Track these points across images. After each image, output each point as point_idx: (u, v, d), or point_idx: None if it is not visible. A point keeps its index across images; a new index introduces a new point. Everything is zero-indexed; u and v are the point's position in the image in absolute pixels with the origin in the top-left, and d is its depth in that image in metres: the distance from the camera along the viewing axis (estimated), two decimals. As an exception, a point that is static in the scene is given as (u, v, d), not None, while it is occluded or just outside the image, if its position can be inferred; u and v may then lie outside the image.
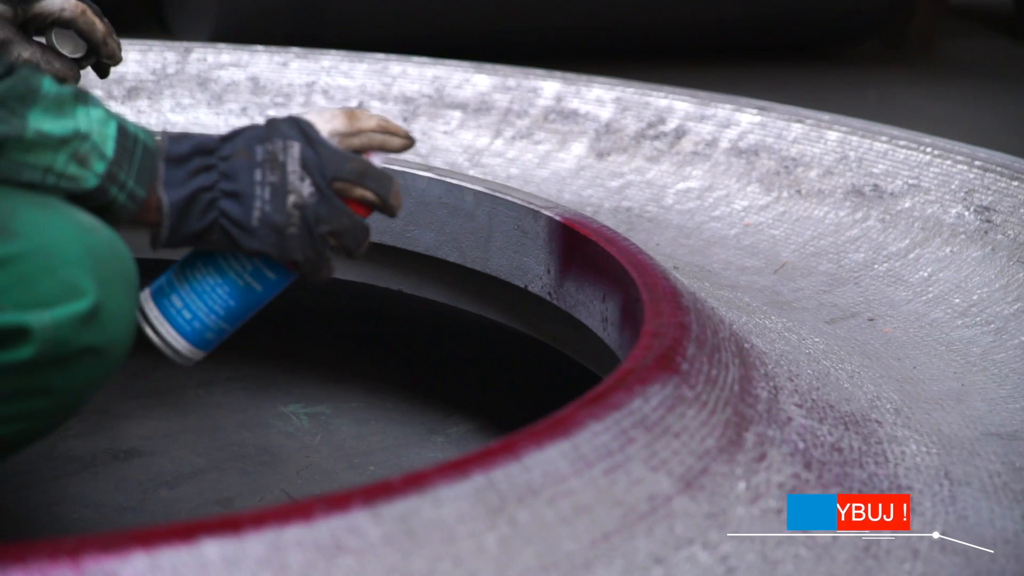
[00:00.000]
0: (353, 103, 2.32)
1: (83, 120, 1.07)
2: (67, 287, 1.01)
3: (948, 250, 1.74)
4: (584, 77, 2.32)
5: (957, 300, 1.63)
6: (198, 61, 2.35)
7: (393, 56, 2.42)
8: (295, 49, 2.43)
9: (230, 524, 0.82)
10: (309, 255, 1.14)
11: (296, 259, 1.14)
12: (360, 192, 1.15)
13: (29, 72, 1.06)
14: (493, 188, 1.64)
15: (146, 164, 1.10)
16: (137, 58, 2.33)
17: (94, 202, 1.08)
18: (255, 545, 0.82)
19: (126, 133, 1.09)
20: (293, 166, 1.12)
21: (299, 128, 1.14)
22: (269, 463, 1.71)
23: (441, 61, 2.40)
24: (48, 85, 1.07)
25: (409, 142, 1.20)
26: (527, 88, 2.29)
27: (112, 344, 1.04)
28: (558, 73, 2.34)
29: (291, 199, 1.12)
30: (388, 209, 1.17)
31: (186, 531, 0.81)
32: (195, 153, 1.12)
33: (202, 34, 4.19)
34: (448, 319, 2.00)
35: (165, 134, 1.13)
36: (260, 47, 2.42)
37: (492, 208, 1.63)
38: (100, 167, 1.07)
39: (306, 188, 1.12)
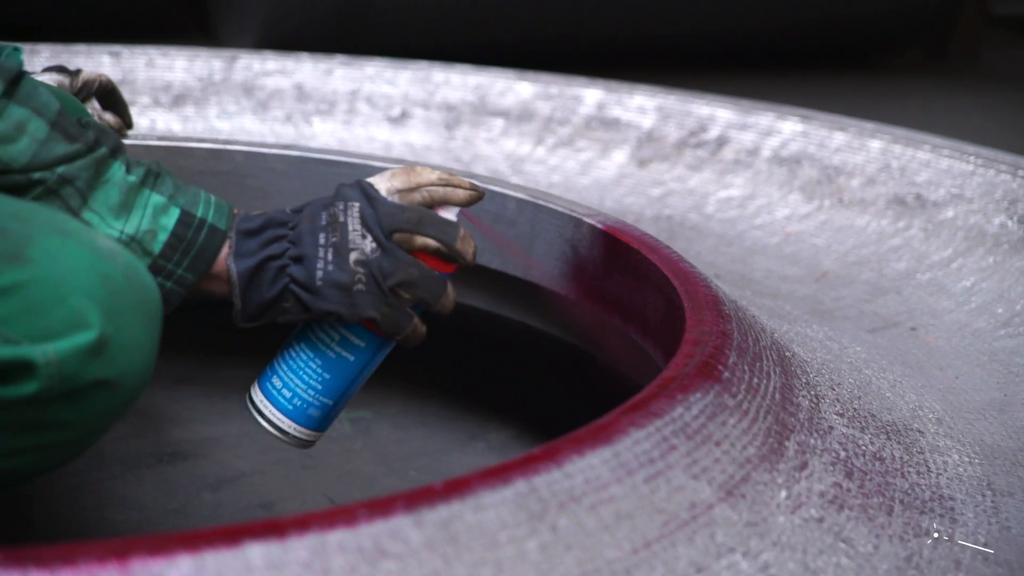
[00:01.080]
0: (396, 111, 2.34)
1: (136, 219, 1.10)
2: (73, 318, 0.98)
3: (991, 260, 1.73)
4: (626, 85, 2.32)
5: (1000, 310, 1.63)
6: (244, 69, 2.38)
7: (436, 64, 2.43)
8: (339, 57, 2.44)
9: (274, 528, 0.83)
10: (384, 311, 1.15)
11: (371, 316, 1.14)
12: (421, 240, 1.15)
13: (106, 153, 1.09)
14: (535, 196, 1.65)
15: (208, 246, 1.13)
16: (184, 66, 2.36)
17: None
18: (298, 549, 0.83)
19: (189, 220, 1.12)
20: (354, 224, 1.13)
21: (360, 189, 1.15)
22: (311, 467, 1.72)
23: (484, 69, 2.41)
24: (119, 173, 1.10)
25: (475, 193, 1.20)
26: (569, 96, 2.30)
27: (124, 376, 1.01)
28: (600, 81, 2.34)
29: (353, 256, 1.13)
30: (456, 255, 1.18)
31: (231, 534, 0.82)
32: (267, 225, 1.14)
33: (248, 41, 4.22)
34: (489, 325, 2.00)
35: (243, 212, 1.16)
36: (305, 55, 2.43)
37: (534, 216, 1.64)
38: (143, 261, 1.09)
39: (368, 244, 1.13)
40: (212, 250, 1.13)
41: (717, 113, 2.18)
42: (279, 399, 1.20)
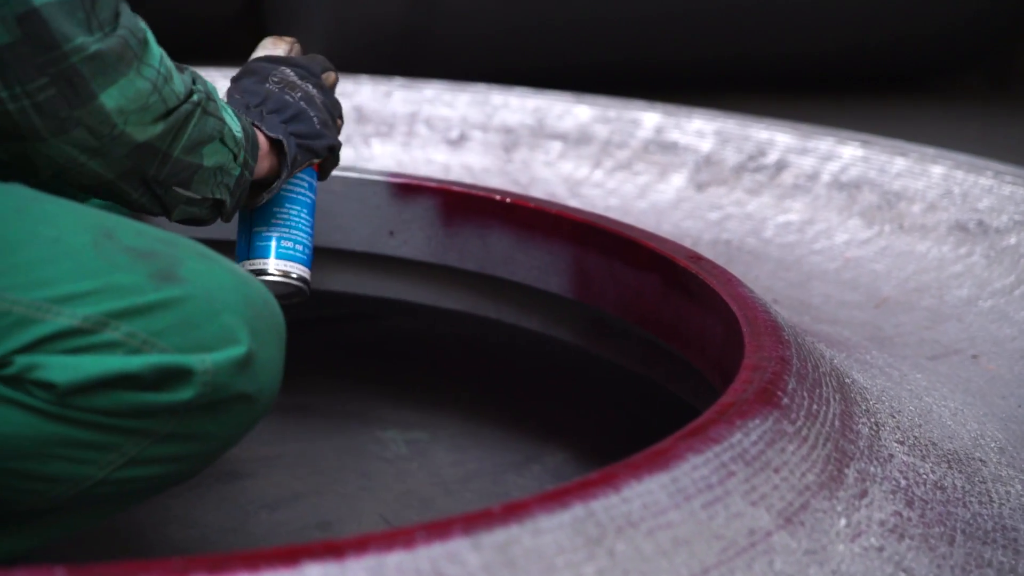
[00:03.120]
0: (454, 133, 2.35)
1: (238, 122, 1.25)
2: (226, 333, 1.04)
3: (1055, 287, 1.71)
4: (684, 109, 2.32)
5: (1064, 338, 1.61)
6: (304, 91, 2.40)
7: (495, 87, 2.44)
8: (399, 79, 2.46)
9: (333, 549, 0.84)
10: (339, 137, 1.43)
11: (338, 142, 1.41)
12: (333, 75, 1.47)
13: (197, 74, 1.21)
14: (592, 219, 1.65)
15: (255, 134, 1.29)
16: (245, 87, 2.38)
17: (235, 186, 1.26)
18: (357, 571, 0.83)
19: (243, 118, 1.28)
20: (299, 81, 1.39)
21: (268, 60, 1.41)
22: (367, 488, 1.73)
23: (542, 92, 2.41)
24: (211, 86, 1.23)
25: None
26: (627, 119, 2.30)
27: (261, 392, 1.08)
28: (658, 105, 2.34)
29: (318, 100, 1.39)
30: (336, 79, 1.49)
31: (290, 555, 0.83)
32: (245, 109, 1.33)
33: (306, 63, 4.26)
34: (544, 348, 2.00)
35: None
36: (365, 77, 2.45)
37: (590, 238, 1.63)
38: (242, 158, 1.25)
39: (314, 90, 1.39)
40: (256, 136, 1.30)
41: (776, 137, 2.17)
42: (298, 255, 1.40)
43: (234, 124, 1.23)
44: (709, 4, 4.47)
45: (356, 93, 2.41)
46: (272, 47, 1.47)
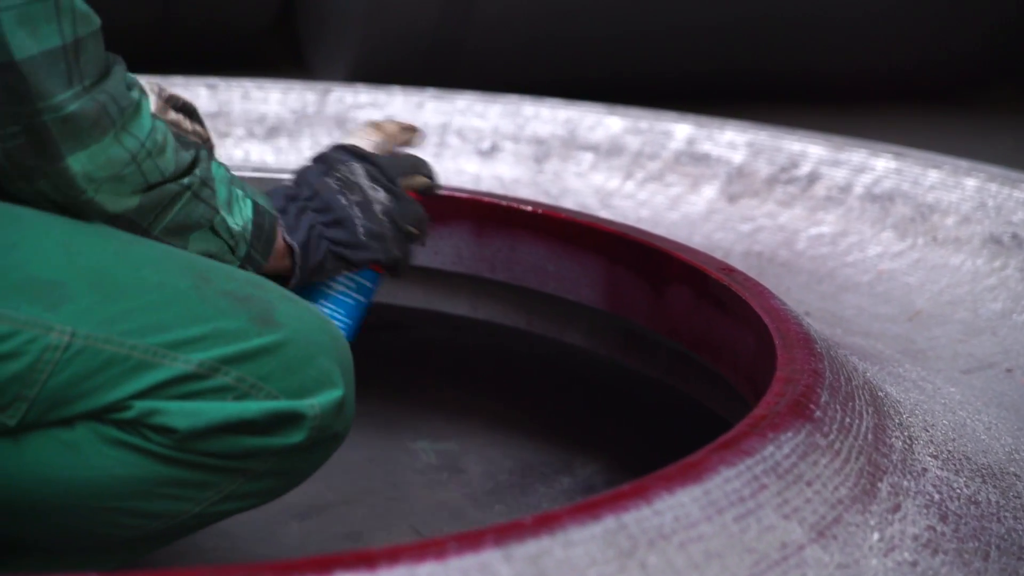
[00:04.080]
0: (486, 144, 2.35)
1: (238, 213, 1.18)
2: (323, 376, 1.09)
3: (1090, 301, 1.70)
4: (716, 120, 2.31)
5: (1099, 352, 1.59)
6: (337, 101, 2.41)
7: (527, 98, 2.44)
8: (430, 90, 2.46)
9: (365, 559, 0.84)
10: (404, 250, 1.31)
11: (396, 256, 1.30)
12: (420, 180, 1.34)
13: (207, 155, 1.16)
14: (624, 230, 1.65)
15: (272, 230, 1.22)
16: (278, 98, 2.39)
17: None
18: (388, 580, 0.83)
19: (260, 209, 1.21)
20: (365, 182, 1.28)
21: (349, 151, 1.30)
22: (397, 499, 1.73)
23: (574, 103, 2.41)
24: (220, 171, 1.18)
25: (421, 132, 1.43)
26: (659, 131, 2.30)
27: (346, 430, 1.13)
28: (690, 116, 2.34)
29: (378, 208, 1.28)
30: (437, 185, 1.39)
31: (322, 564, 0.83)
32: (288, 201, 1.25)
33: (339, 73, 4.27)
34: (574, 359, 2.00)
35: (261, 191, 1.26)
36: (397, 88, 2.46)
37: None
38: (243, 251, 1.19)
39: (382, 195, 1.28)
40: (274, 235, 1.22)
41: (809, 149, 2.16)
42: None
43: (234, 216, 1.18)
44: (742, 16, 4.47)
45: (388, 104, 2.41)
46: (363, 136, 1.36)
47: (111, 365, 1.02)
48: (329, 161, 1.29)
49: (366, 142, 1.34)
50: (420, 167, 1.35)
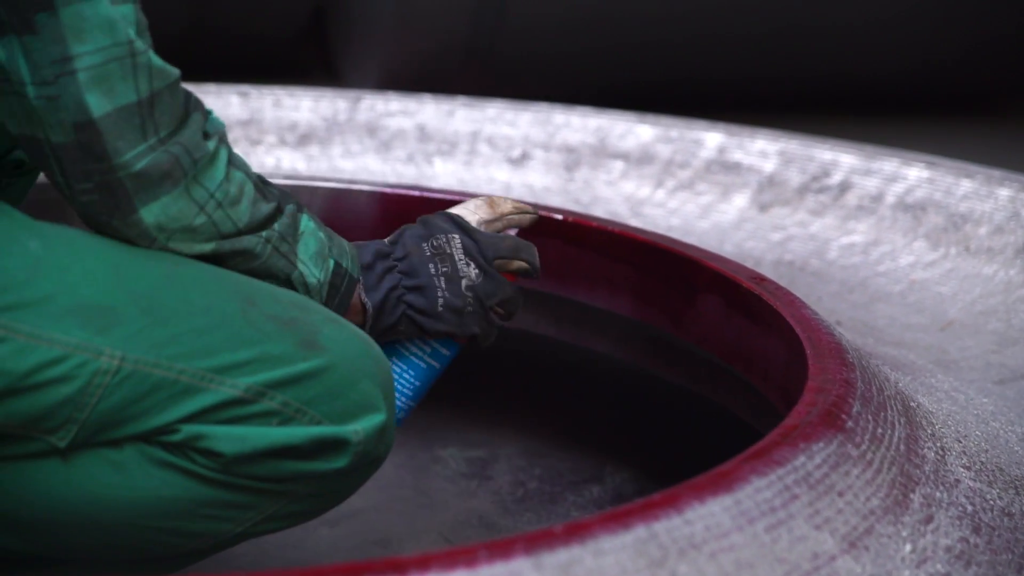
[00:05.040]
0: (516, 152, 2.35)
1: (322, 268, 1.18)
2: (366, 400, 1.10)
3: (1125, 312, 1.69)
4: (747, 129, 2.31)
5: None
6: (367, 110, 2.41)
7: (557, 106, 2.44)
8: (461, 98, 2.47)
9: (395, 566, 0.84)
10: (484, 327, 1.29)
11: (475, 333, 1.28)
12: (517, 264, 1.31)
13: (295, 208, 1.17)
14: (654, 238, 1.65)
15: (348, 291, 1.21)
16: (310, 106, 2.40)
17: None
18: (419, 587, 0.83)
19: (340, 271, 1.20)
20: (459, 255, 1.26)
21: (453, 222, 1.28)
22: (427, 506, 1.73)
23: (604, 111, 2.41)
24: (310, 225, 1.18)
25: (537, 217, 1.37)
26: (690, 139, 2.30)
27: (386, 454, 1.14)
28: (721, 125, 2.33)
29: (464, 283, 1.26)
30: (537, 273, 1.34)
31: (353, 571, 0.83)
32: (377, 258, 1.24)
33: (370, 81, 4.29)
34: (604, 367, 2.00)
35: (352, 246, 1.25)
36: (427, 96, 2.47)
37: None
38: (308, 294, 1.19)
39: (473, 271, 1.26)
40: (351, 295, 1.21)
41: (840, 158, 2.15)
42: None
43: (313, 271, 1.18)
44: (773, 24, 4.46)
45: (419, 111, 2.42)
46: (472, 210, 1.33)
47: (159, 389, 1.03)
48: (431, 227, 1.28)
49: (474, 216, 1.33)
50: (521, 251, 1.32)
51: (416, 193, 1.78)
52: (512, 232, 1.35)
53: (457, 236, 1.27)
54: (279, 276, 1.15)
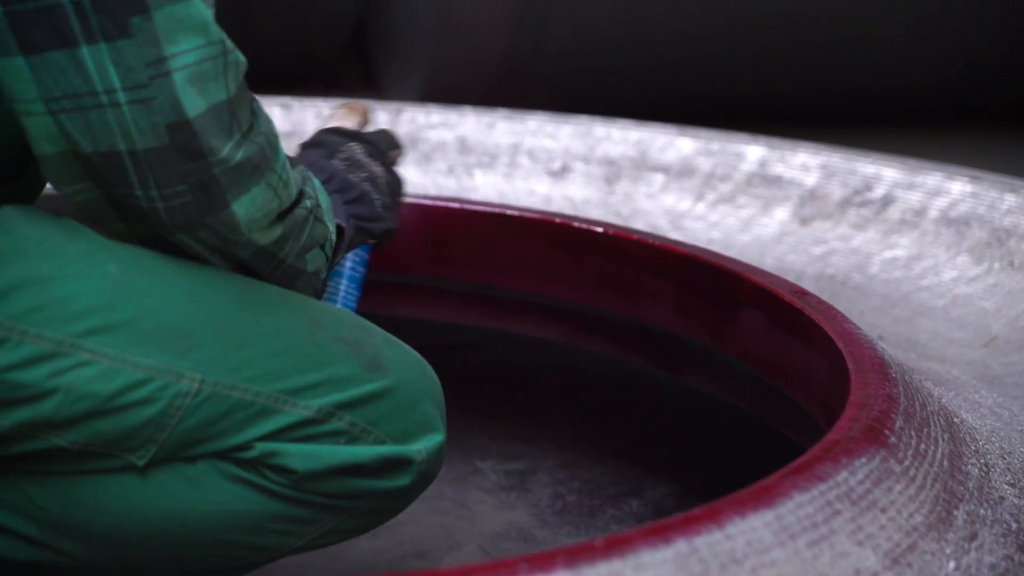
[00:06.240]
0: (557, 164, 2.35)
1: (332, 227, 1.21)
2: (426, 420, 1.14)
3: None
4: (789, 142, 2.30)
5: None
6: (408, 122, 2.42)
7: (597, 118, 2.44)
8: (502, 111, 2.47)
9: (435, 578, 0.84)
10: (398, 218, 1.37)
11: (397, 224, 1.35)
12: (396, 152, 1.41)
13: (302, 169, 1.18)
14: (695, 252, 1.64)
15: (342, 233, 1.26)
16: (351, 118, 2.41)
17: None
18: (459, 600, 0.83)
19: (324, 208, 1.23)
20: (365, 159, 1.33)
21: (341, 133, 1.36)
22: (466, 517, 1.73)
23: (645, 124, 2.41)
24: (316, 182, 1.20)
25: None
26: (731, 152, 2.29)
27: (438, 471, 1.17)
28: (762, 138, 2.33)
29: (380, 181, 1.33)
30: (403, 152, 1.45)
31: (393, 582, 0.83)
32: (327, 183, 1.29)
33: (411, 94, 4.30)
34: (644, 380, 1.99)
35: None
36: (468, 108, 2.47)
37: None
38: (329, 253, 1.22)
39: (378, 169, 1.34)
40: (343, 237, 1.26)
41: (883, 172, 2.14)
42: None
43: (331, 228, 1.20)
44: (813, 37, 4.44)
45: (460, 124, 2.42)
46: (344, 118, 1.43)
47: (236, 410, 1.06)
48: (328, 144, 1.33)
49: (349, 122, 1.43)
50: (396, 139, 1.42)
51: (456, 205, 1.78)
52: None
53: (354, 144, 1.34)
54: (319, 243, 1.17)
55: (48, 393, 0.99)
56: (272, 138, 1.08)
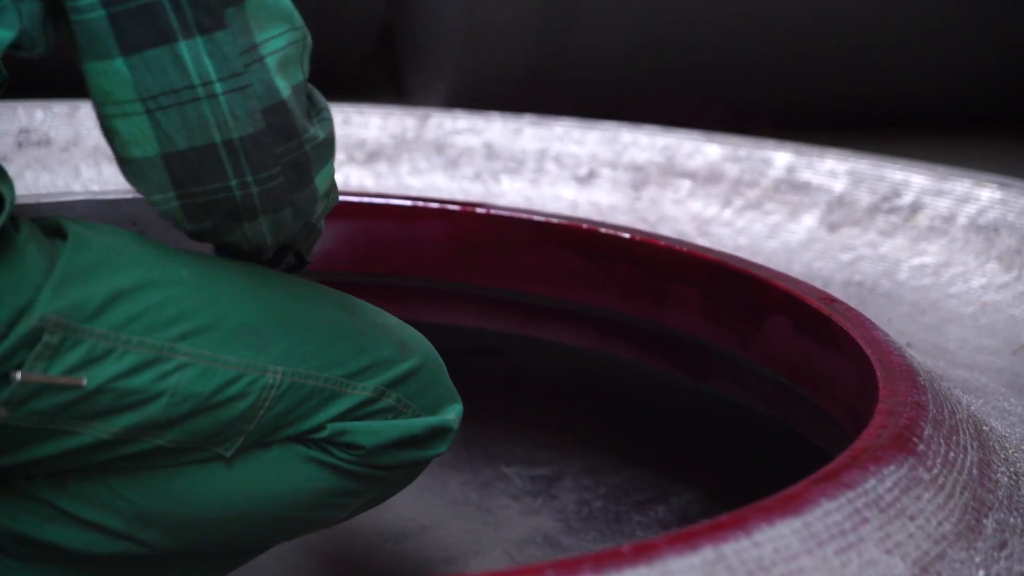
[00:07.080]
0: (583, 170, 2.35)
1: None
2: (448, 392, 1.22)
3: None
4: (816, 148, 2.29)
5: None
6: (435, 127, 2.42)
7: (624, 124, 2.44)
8: (528, 116, 2.47)
9: (462, 583, 0.84)
10: None
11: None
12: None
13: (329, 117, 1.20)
14: (722, 258, 1.64)
15: None
16: (378, 123, 2.41)
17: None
18: (485, 605, 0.83)
19: None
20: None
21: None
22: (491, 523, 1.73)
23: (672, 130, 2.41)
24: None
25: None
26: (758, 159, 2.28)
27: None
28: (790, 144, 2.32)
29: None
30: None
31: (420, 588, 0.83)
32: None
33: (437, 99, 4.31)
34: (670, 386, 1.99)
35: None
36: (495, 114, 2.47)
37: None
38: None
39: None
40: None
41: (911, 178, 2.13)
42: None
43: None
44: (842, 43, 4.43)
45: (487, 129, 2.43)
46: None
47: (311, 397, 1.12)
48: None
49: None
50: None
51: (483, 211, 1.78)
52: None
53: None
54: (333, 206, 1.22)
55: (155, 396, 1.04)
56: (330, 114, 1.14)
